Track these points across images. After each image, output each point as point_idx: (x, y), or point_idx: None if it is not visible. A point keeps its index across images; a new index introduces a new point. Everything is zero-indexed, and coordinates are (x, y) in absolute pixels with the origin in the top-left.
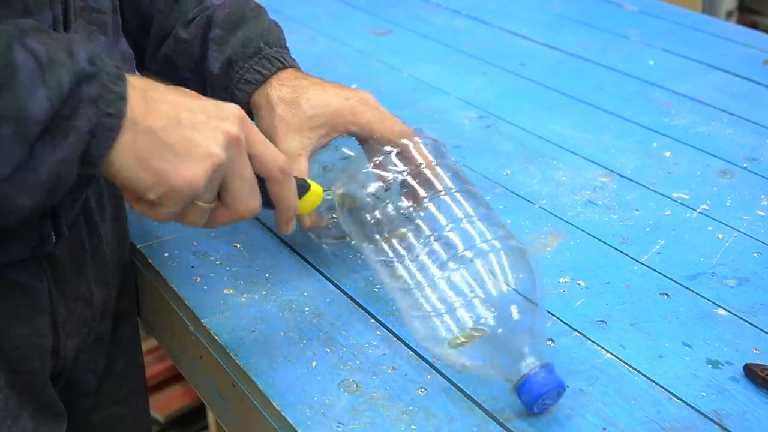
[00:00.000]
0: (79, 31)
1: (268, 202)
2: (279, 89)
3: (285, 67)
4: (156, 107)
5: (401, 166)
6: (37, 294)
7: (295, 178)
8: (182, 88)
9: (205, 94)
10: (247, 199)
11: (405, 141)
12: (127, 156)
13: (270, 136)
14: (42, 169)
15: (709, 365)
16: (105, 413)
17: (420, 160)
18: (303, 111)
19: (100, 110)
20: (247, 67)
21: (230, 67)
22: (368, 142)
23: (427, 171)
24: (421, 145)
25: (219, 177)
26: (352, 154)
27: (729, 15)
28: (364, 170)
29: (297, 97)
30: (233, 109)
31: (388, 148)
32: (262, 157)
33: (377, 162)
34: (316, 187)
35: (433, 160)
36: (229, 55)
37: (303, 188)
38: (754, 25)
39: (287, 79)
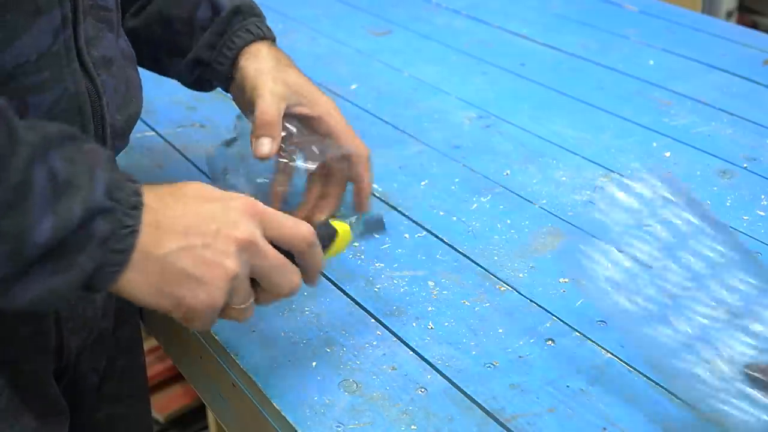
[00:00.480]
0: (88, 28)
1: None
2: (278, 51)
3: (272, 39)
4: (166, 231)
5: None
6: None
7: (320, 225)
8: (190, 188)
9: (190, 45)
10: (285, 280)
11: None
12: (138, 285)
13: (258, 79)
14: (33, 287)
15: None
16: (107, 412)
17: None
18: (293, 76)
19: (109, 248)
20: (252, 21)
21: (234, 15)
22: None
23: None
24: (368, 164)
25: (242, 281)
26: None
27: (729, 15)
28: None
29: (288, 65)
30: (239, 208)
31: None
32: (285, 237)
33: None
34: (342, 228)
35: (369, 181)
36: (239, 3)
37: (330, 234)
38: (754, 25)
39: (277, 49)
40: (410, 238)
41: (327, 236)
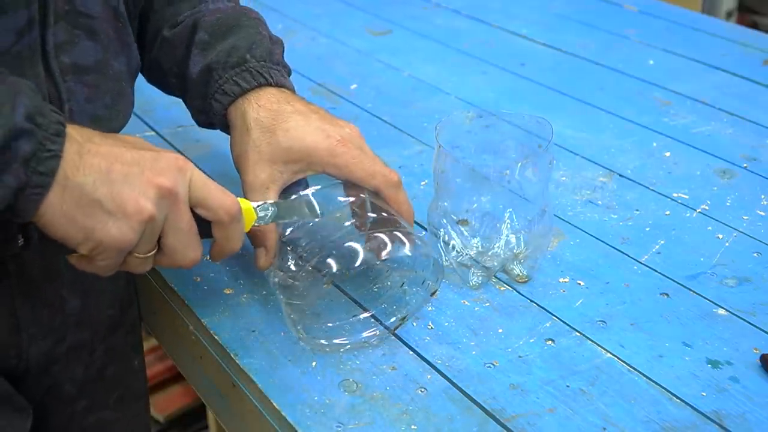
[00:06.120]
0: (59, 33)
1: (209, 233)
2: (257, 110)
3: (268, 84)
4: (89, 161)
5: (370, 212)
6: None
7: None
8: (126, 137)
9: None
10: (185, 250)
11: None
12: (55, 212)
13: (240, 160)
14: None
15: (709, 365)
16: (95, 417)
17: (390, 211)
18: (278, 141)
19: (32, 168)
20: (227, 78)
21: (209, 74)
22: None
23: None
24: (401, 194)
25: (153, 230)
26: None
27: (729, 15)
28: (340, 198)
29: (275, 125)
30: (170, 160)
31: (362, 195)
32: (206, 202)
33: (352, 202)
34: (245, 204)
35: (407, 204)
36: (210, 61)
37: None
38: (754, 25)
39: (268, 101)
40: None
41: None
